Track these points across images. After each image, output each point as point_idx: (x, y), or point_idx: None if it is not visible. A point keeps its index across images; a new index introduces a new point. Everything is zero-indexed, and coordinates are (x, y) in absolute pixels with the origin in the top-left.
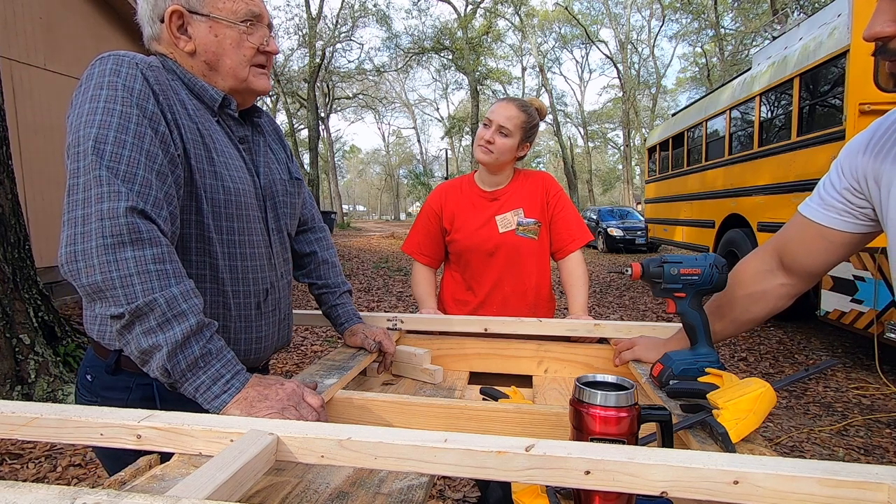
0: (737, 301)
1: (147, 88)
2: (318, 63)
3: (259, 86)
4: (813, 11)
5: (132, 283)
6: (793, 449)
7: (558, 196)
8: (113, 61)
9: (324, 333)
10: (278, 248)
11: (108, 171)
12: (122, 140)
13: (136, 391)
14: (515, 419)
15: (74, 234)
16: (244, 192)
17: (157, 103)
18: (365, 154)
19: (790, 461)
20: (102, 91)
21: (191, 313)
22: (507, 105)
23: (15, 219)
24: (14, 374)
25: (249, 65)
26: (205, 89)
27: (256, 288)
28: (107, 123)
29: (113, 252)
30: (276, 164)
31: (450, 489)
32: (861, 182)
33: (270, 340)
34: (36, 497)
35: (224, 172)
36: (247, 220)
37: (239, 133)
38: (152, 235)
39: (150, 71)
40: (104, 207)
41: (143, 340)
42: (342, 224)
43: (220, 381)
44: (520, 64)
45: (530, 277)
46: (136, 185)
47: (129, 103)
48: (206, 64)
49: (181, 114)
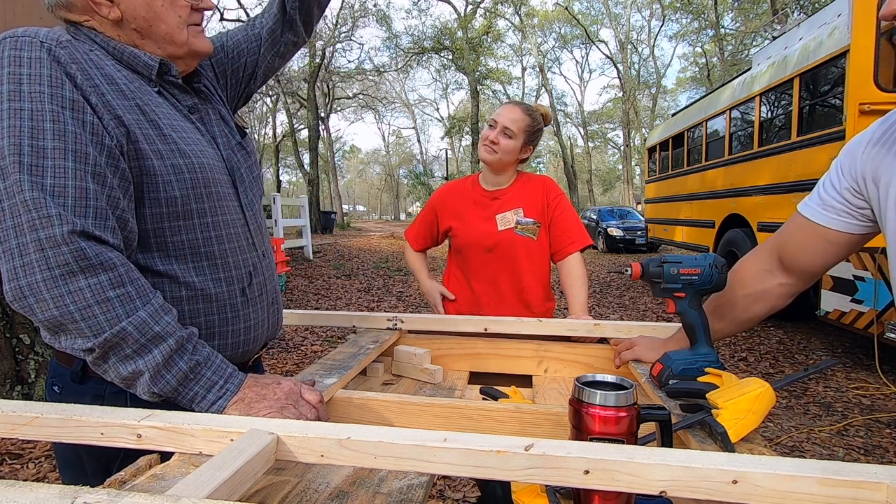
0: (736, 301)
1: (59, 72)
2: (318, 63)
3: (201, 46)
4: (813, 11)
5: (93, 314)
6: (793, 449)
7: (559, 200)
8: (10, 45)
9: (324, 333)
10: (254, 224)
11: (34, 190)
12: (39, 147)
13: (109, 399)
14: (515, 419)
15: (14, 267)
16: (210, 167)
17: (77, 88)
18: (365, 154)
19: (789, 461)
20: (3, 86)
21: (166, 334)
22: (512, 108)
23: None
24: (14, 374)
25: (186, 25)
26: (136, 56)
27: (239, 272)
28: (17, 129)
29: (64, 284)
30: (227, 127)
31: (450, 489)
32: (860, 182)
33: (261, 329)
34: (36, 497)
35: (185, 147)
36: (218, 198)
37: (187, 103)
38: (103, 259)
39: (60, 48)
40: (41, 237)
41: (121, 368)
42: (342, 224)
43: (213, 388)
44: (520, 64)
45: (525, 275)
46: (68, 199)
47: (39, 98)
48: (136, 32)
49: (111, 93)
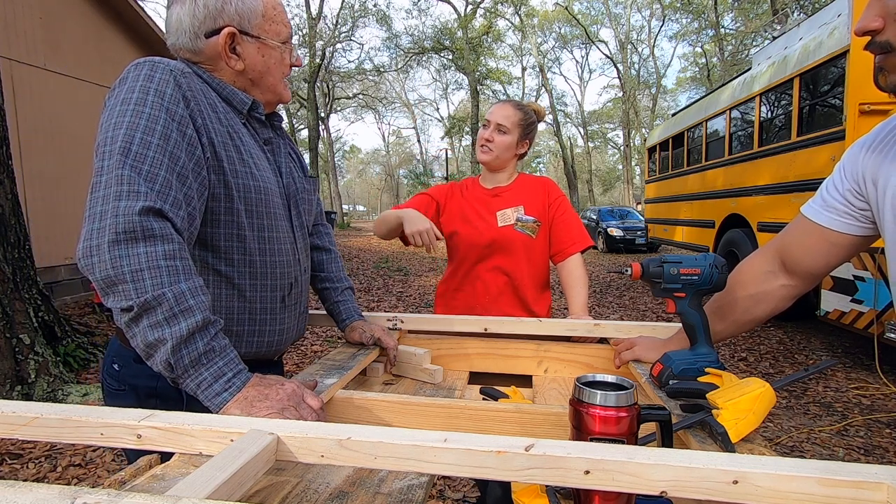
0: (738, 302)
1: (178, 93)
2: (318, 63)
3: (287, 96)
4: (813, 11)
5: (142, 277)
6: (793, 449)
7: (560, 201)
8: (148, 67)
9: (324, 333)
10: (301, 243)
11: (132, 170)
12: (147, 141)
13: (163, 380)
14: (515, 419)
15: (92, 229)
16: (272, 191)
17: (188, 108)
18: (365, 154)
19: (789, 461)
20: (134, 94)
21: (197, 309)
22: (503, 105)
23: (15, 219)
24: (14, 374)
25: (283, 79)
26: (234, 94)
27: (283, 282)
28: (135, 125)
29: (126, 248)
30: (294, 163)
31: (450, 489)
32: (861, 184)
33: (291, 333)
34: (36, 497)
35: (256, 172)
36: (274, 218)
37: (264, 135)
38: (165, 233)
39: (183, 77)
40: (121, 205)
41: (149, 334)
42: (342, 224)
43: (221, 378)
44: (520, 64)
45: (523, 273)
46: (156, 184)
47: (158, 107)
48: (250, 80)
49: (212, 118)
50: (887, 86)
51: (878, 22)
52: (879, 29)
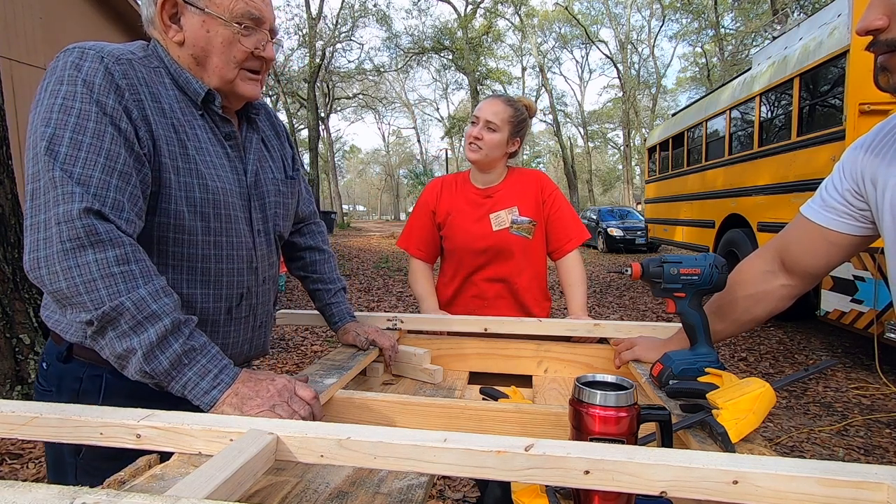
0: (738, 302)
1: (108, 83)
2: (318, 63)
3: (245, 91)
4: (813, 11)
5: (96, 287)
6: (793, 449)
7: (554, 195)
8: (76, 54)
9: (324, 333)
10: (263, 250)
11: (63, 173)
12: (77, 141)
13: (86, 382)
14: (515, 419)
15: (36, 240)
16: (225, 191)
17: (122, 99)
18: (365, 154)
19: (789, 461)
20: (62, 87)
21: (163, 313)
22: (492, 101)
23: (15, 219)
24: (14, 374)
25: (239, 67)
26: (188, 82)
27: (230, 292)
28: (63, 123)
29: (73, 257)
30: (271, 161)
31: (450, 489)
32: (860, 183)
33: (239, 349)
34: (36, 497)
35: (203, 170)
36: (226, 220)
37: (225, 129)
38: (112, 236)
39: (117, 65)
40: (59, 211)
41: (117, 345)
42: (342, 224)
43: (207, 376)
44: (520, 64)
45: (521, 276)
46: (91, 186)
47: (87, 100)
48: (192, 57)
49: (152, 109)
50: (888, 86)
51: (882, 20)
52: (883, 28)
